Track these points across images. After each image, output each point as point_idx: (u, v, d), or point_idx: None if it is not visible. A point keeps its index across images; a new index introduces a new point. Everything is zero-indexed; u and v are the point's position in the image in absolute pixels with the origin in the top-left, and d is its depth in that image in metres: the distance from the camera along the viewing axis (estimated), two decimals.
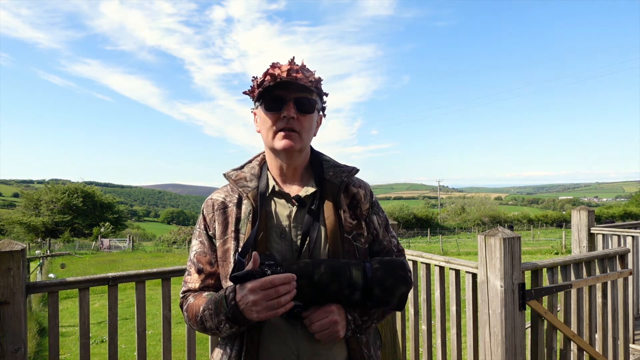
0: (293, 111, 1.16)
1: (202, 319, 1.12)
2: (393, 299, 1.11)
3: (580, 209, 4.85)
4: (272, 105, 1.18)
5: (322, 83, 1.25)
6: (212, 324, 1.10)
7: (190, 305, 1.18)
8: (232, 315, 1.04)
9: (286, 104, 1.16)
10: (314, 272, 1.05)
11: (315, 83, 1.19)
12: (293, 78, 1.14)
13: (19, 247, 1.88)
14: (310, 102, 1.19)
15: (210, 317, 1.09)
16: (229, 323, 1.06)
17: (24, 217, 51.30)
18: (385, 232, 1.31)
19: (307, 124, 1.20)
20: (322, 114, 1.30)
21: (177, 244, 40.26)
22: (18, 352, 1.86)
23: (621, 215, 53.63)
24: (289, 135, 1.18)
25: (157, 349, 6.27)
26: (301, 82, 1.13)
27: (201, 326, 1.14)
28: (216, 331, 1.12)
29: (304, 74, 1.17)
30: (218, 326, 1.09)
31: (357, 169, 1.31)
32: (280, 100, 1.17)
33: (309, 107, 1.19)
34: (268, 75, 1.16)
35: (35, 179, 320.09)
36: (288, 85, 1.14)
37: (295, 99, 1.17)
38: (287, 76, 1.14)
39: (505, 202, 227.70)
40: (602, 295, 2.86)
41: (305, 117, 1.19)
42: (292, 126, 1.17)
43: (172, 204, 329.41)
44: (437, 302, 2.74)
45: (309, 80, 1.16)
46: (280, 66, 1.18)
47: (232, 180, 1.26)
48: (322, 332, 1.07)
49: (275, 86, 1.15)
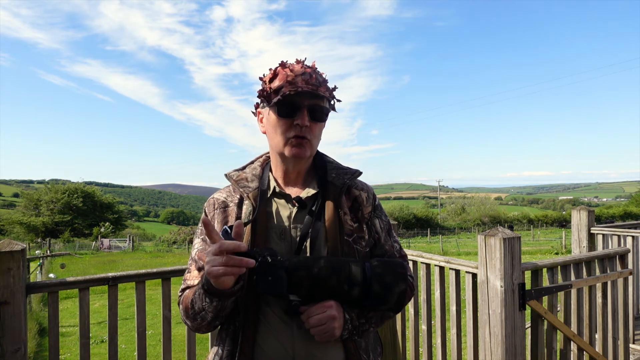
0: (307, 119, 1.15)
1: (193, 302, 1.11)
2: (392, 297, 1.10)
3: (580, 209, 4.85)
4: (286, 111, 1.16)
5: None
6: (199, 305, 1.08)
7: (185, 296, 1.18)
8: (206, 283, 1.03)
9: (300, 111, 1.15)
10: (313, 265, 1.06)
11: (331, 92, 1.18)
12: (313, 88, 1.12)
13: (19, 247, 1.88)
14: (324, 110, 1.19)
15: (199, 297, 1.08)
16: (208, 296, 1.04)
17: (24, 217, 51.29)
18: (387, 237, 1.30)
19: (318, 131, 1.20)
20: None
21: (177, 244, 40.26)
22: (18, 352, 1.86)
23: (621, 215, 53.64)
24: (301, 143, 1.17)
25: (157, 349, 6.27)
26: (320, 93, 1.13)
27: (192, 311, 1.12)
28: (203, 313, 1.09)
29: (318, 79, 1.15)
30: (203, 305, 1.07)
31: (359, 172, 1.30)
32: (294, 107, 1.15)
33: (322, 116, 1.19)
34: (285, 81, 1.13)
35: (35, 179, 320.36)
36: (304, 92, 1.13)
37: (310, 106, 1.16)
38: (306, 85, 1.12)
39: (505, 202, 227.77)
40: (602, 295, 2.86)
41: (317, 124, 1.19)
42: (305, 134, 1.16)
43: (172, 204, 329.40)
44: (437, 302, 2.74)
45: (325, 88, 1.16)
46: (292, 68, 1.15)
47: (234, 180, 1.26)
48: (319, 327, 1.06)
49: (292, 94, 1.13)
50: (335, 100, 1.24)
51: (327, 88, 1.18)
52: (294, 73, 1.14)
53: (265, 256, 1.02)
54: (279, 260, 1.03)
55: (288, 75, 1.14)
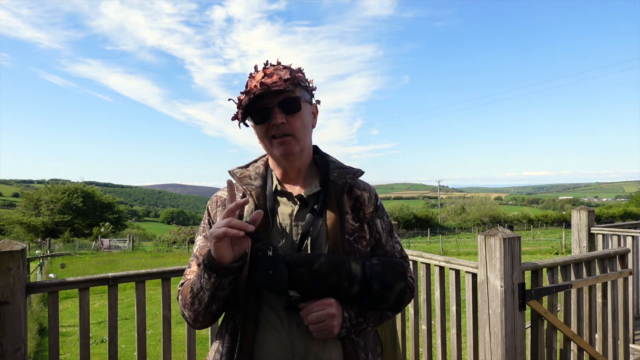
0: (280, 117, 1.15)
1: (192, 285, 1.11)
2: (392, 295, 1.11)
3: (580, 209, 4.85)
4: (260, 117, 1.17)
5: (304, 72, 1.23)
6: (198, 285, 1.09)
7: (184, 286, 1.18)
8: (206, 257, 1.05)
9: (271, 111, 1.15)
10: (314, 261, 1.06)
11: (291, 80, 1.15)
12: (265, 87, 1.12)
13: (19, 247, 1.88)
14: (295, 100, 1.17)
15: (198, 277, 1.09)
16: (207, 271, 1.05)
17: (24, 217, 51.30)
18: (388, 237, 1.30)
19: (299, 123, 1.18)
20: (315, 102, 1.27)
21: (177, 244, 40.25)
22: (18, 352, 1.86)
23: (621, 215, 53.61)
24: (284, 141, 1.17)
25: (157, 349, 6.27)
26: (274, 88, 1.11)
27: (190, 295, 1.12)
28: (201, 293, 1.09)
29: (277, 75, 1.15)
30: (201, 283, 1.08)
31: (362, 172, 1.30)
32: (265, 110, 1.15)
33: (295, 107, 1.17)
34: (246, 92, 1.15)
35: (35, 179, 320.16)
36: (269, 93, 1.13)
37: (280, 103, 1.15)
38: (260, 87, 1.12)
39: (505, 202, 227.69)
40: (602, 295, 2.86)
41: (295, 117, 1.17)
42: (285, 131, 1.16)
43: (172, 204, 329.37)
44: (437, 302, 2.74)
45: (283, 80, 1.14)
46: (254, 75, 1.17)
47: (237, 177, 1.26)
48: (318, 325, 1.06)
49: (256, 99, 1.14)
50: (306, 84, 1.22)
51: (286, 78, 1.15)
52: (254, 81, 1.16)
53: (266, 250, 1.03)
54: (280, 255, 1.04)
55: (249, 85, 1.16)
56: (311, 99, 1.25)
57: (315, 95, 1.27)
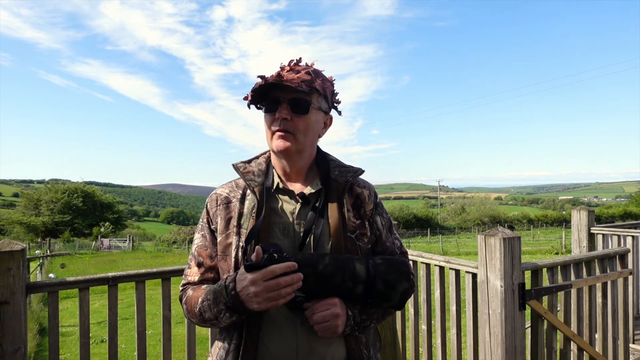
0: (285, 112, 1.16)
1: (201, 310, 1.13)
2: (395, 295, 1.13)
3: (580, 209, 4.85)
4: (269, 106, 1.19)
5: (333, 82, 1.25)
6: (211, 314, 1.11)
7: (189, 298, 1.20)
8: (232, 304, 1.05)
9: (280, 105, 1.16)
10: (318, 262, 1.07)
11: (308, 83, 1.16)
12: (279, 79, 1.13)
13: (19, 247, 1.88)
14: (305, 103, 1.17)
15: (209, 308, 1.10)
16: (229, 312, 1.07)
17: (24, 217, 51.29)
18: (388, 234, 1.32)
19: (302, 125, 1.19)
20: (329, 115, 1.28)
21: (177, 244, 40.26)
22: (18, 352, 1.85)
23: (621, 215, 53.59)
24: (283, 137, 1.18)
25: (157, 349, 6.27)
26: (286, 83, 1.12)
27: (200, 317, 1.15)
28: (215, 321, 1.12)
29: (299, 74, 1.15)
30: (217, 316, 1.10)
31: (362, 170, 1.32)
32: (276, 102, 1.17)
33: (303, 109, 1.17)
34: (261, 76, 1.16)
35: (35, 179, 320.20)
36: (283, 86, 1.14)
37: (290, 100, 1.16)
38: (276, 77, 1.14)
39: (505, 202, 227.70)
40: (602, 295, 2.86)
41: (300, 118, 1.18)
42: (286, 127, 1.17)
43: (172, 204, 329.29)
44: (437, 302, 2.74)
45: (300, 80, 1.14)
46: (284, 66, 1.19)
47: (241, 172, 1.26)
48: (323, 324, 1.08)
49: (271, 88, 1.15)
50: (327, 93, 1.23)
51: (309, 82, 1.15)
52: (279, 71, 1.17)
53: (271, 252, 1.03)
54: (285, 257, 1.04)
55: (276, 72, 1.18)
56: (328, 109, 1.26)
57: (337, 107, 1.29)
